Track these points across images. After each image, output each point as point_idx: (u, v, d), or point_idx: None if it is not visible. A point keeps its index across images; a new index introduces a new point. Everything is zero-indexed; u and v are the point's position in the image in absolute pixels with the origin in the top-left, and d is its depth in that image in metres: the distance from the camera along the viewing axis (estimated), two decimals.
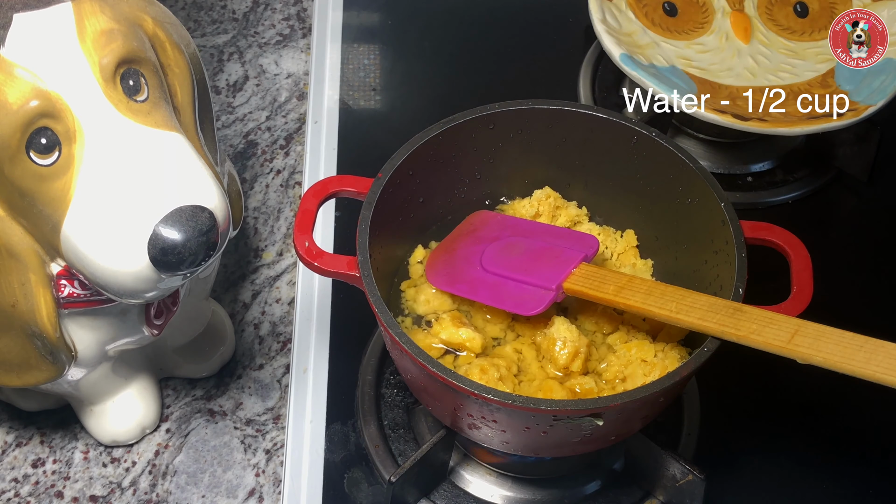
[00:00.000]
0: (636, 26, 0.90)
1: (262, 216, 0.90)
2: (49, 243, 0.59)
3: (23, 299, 0.60)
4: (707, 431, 0.73)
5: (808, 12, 0.92)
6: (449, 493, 0.70)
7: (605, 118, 0.69)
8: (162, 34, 0.62)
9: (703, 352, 0.58)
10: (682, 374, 0.58)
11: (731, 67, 0.89)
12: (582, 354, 0.65)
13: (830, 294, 0.66)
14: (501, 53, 0.99)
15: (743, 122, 0.80)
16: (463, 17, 1.03)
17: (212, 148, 0.68)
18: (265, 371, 0.81)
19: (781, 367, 0.58)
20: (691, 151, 0.68)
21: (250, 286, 0.86)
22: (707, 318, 0.58)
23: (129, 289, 0.58)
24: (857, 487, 0.72)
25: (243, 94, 1.00)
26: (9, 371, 0.65)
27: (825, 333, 0.55)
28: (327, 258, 0.63)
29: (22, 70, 0.55)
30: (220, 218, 0.58)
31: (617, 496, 0.70)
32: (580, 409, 0.56)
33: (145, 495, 0.74)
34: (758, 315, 0.57)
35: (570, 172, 0.73)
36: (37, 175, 0.56)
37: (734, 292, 0.60)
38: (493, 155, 0.71)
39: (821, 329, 0.55)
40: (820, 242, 0.68)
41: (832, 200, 0.90)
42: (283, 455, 0.74)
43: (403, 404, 0.74)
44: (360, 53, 0.99)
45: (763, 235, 0.64)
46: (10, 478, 0.75)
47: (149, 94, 0.59)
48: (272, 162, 0.94)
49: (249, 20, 1.07)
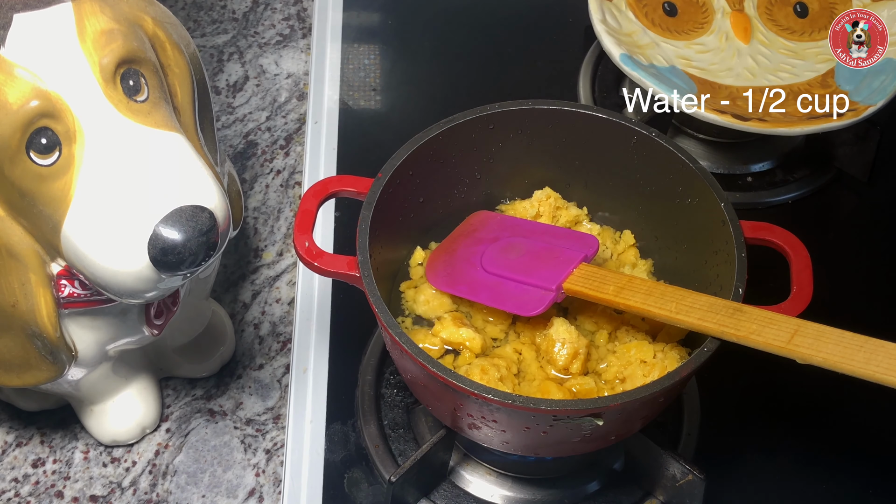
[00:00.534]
0: (636, 26, 0.90)
1: (262, 216, 0.90)
2: (49, 243, 0.59)
3: (23, 299, 0.60)
4: (707, 431, 0.73)
5: (808, 12, 0.92)
6: (449, 493, 0.70)
7: (605, 118, 0.69)
8: (162, 34, 0.62)
9: (703, 352, 0.58)
10: (682, 374, 0.58)
11: (731, 67, 0.89)
12: (581, 355, 0.64)
13: (830, 294, 0.66)
14: (501, 53, 0.99)
15: (743, 122, 0.80)
16: (463, 17, 1.03)
17: (212, 148, 0.68)
18: (265, 371, 0.81)
19: (781, 368, 0.58)
20: (691, 151, 0.68)
21: (250, 286, 0.86)
22: (707, 318, 0.58)
23: (129, 289, 0.58)
24: (857, 487, 0.72)
25: (243, 94, 1.00)
26: (9, 371, 0.65)
27: (825, 333, 0.55)
28: (327, 258, 0.63)
29: (22, 70, 0.55)
30: (220, 218, 0.58)
31: (617, 496, 0.70)
32: (580, 409, 0.56)
33: (145, 495, 0.74)
34: (757, 315, 0.57)
35: (570, 172, 0.73)
36: (37, 175, 0.56)
37: (734, 292, 0.60)
38: (493, 155, 0.71)
39: (820, 329, 0.55)
40: (820, 242, 0.68)
41: (832, 200, 0.90)
42: (283, 455, 0.74)
43: (403, 404, 0.74)
44: (360, 53, 0.99)
45: (763, 235, 0.64)
46: (10, 478, 0.75)
47: (149, 94, 0.59)
48: (272, 162, 0.94)
49: (249, 20, 1.07)
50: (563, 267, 0.64)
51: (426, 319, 0.69)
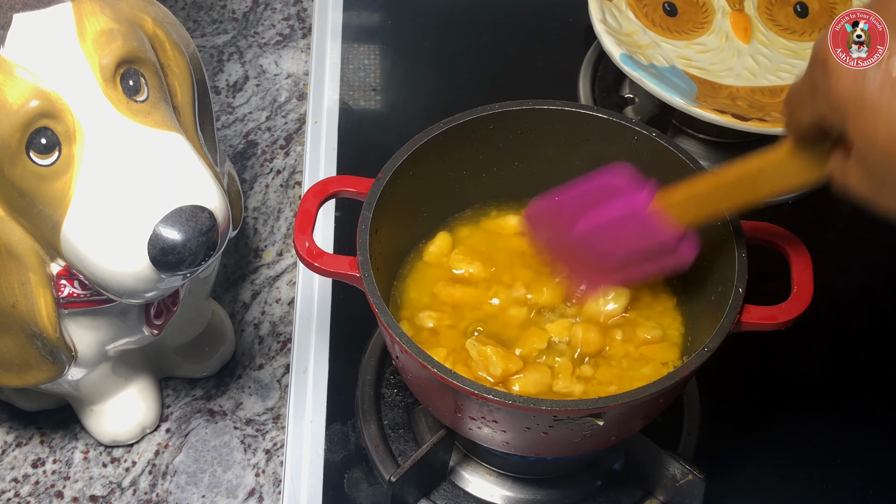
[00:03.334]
0: (636, 26, 0.90)
1: (262, 216, 0.90)
2: (49, 243, 0.59)
3: (23, 299, 0.60)
4: (707, 431, 0.73)
5: (808, 12, 0.92)
6: (449, 493, 0.70)
7: (605, 118, 0.69)
8: (162, 34, 0.62)
9: (703, 352, 0.58)
10: (682, 374, 0.58)
11: (731, 67, 0.89)
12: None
13: (830, 294, 0.66)
14: (501, 53, 0.99)
15: (743, 122, 0.80)
16: (463, 17, 1.03)
17: (212, 148, 0.68)
18: (265, 371, 0.81)
19: (782, 368, 0.58)
20: (691, 151, 0.68)
21: (250, 286, 0.86)
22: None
23: (129, 289, 0.58)
24: (856, 488, 0.72)
25: (243, 94, 1.00)
26: (9, 371, 0.65)
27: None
28: (327, 258, 0.63)
29: (22, 70, 0.55)
30: (220, 218, 0.58)
31: (617, 496, 0.70)
32: (580, 409, 0.56)
33: (145, 495, 0.74)
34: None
35: (570, 172, 0.73)
36: (37, 175, 0.56)
37: (734, 292, 0.60)
38: (493, 155, 0.71)
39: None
40: (820, 242, 0.68)
41: (832, 200, 0.89)
42: (283, 455, 0.74)
43: (403, 404, 0.74)
44: (360, 53, 0.99)
45: (763, 235, 0.64)
46: (10, 478, 0.75)
47: (149, 94, 0.59)
48: (272, 162, 0.94)
49: (249, 20, 1.07)
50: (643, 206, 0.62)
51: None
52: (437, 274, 0.70)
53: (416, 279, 0.71)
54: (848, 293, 0.82)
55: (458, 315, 0.67)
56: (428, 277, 0.70)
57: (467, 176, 0.72)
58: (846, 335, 0.79)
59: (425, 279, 0.70)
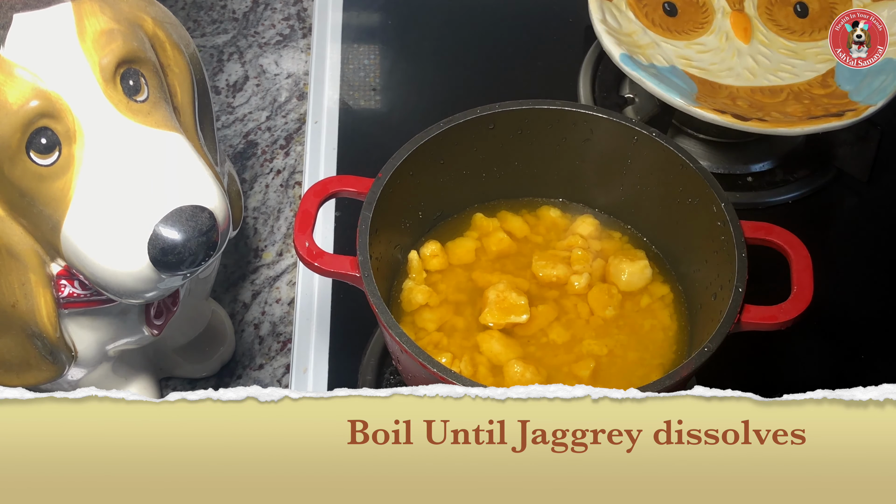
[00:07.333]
0: (636, 26, 0.90)
1: (262, 216, 0.90)
2: (49, 243, 0.59)
3: (23, 299, 0.60)
4: None
5: (808, 12, 0.92)
6: None
7: (605, 118, 0.69)
8: (162, 34, 0.62)
9: (703, 352, 0.58)
10: (682, 374, 0.58)
11: (731, 67, 0.89)
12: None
13: (830, 294, 0.66)
14: (501, 53, 0.99)
15: (743, 122, 0.80)
16: (463, 17, 1.03)
17: (212, 148, 0.68)
18: (265, 371, 0.81)
19: (782, 368, 0.58)
20: (691, 151, 0.68)
21: (250, 286, 0.86)
22: None
23: (129, 289, 0.58)
24: None
25: (243, 94, 1.00)
26: (9, 371, 0.65)
27: None
28: (327, 258, 0.63)
29: (22, 70, 0.55)
30: (220, 218, 0.58)
31: None
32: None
33: None
34: None
35: (570, 172, 0.73)
36: (37, 175, 0.56)
37: (734, 292, 0.60)
38: (493, 155, 0.71)
39: None
40: (820, 242, 0.68)
41: (832, 200, 0.90)
42: None
43: None
44: (360, 53, 0.99)
45: (763, 235, 0.64)
46: None
47: (149, 94, 0.59)
48: (272, 162, 0.94)
49: (249, 20, 1.07)
50: None
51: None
52: (437, 274, 0.70)
53: (416, 279, 0.71)
54: (848, 293, 0.82)
55: (459, 315, 0.68)
56: (427, 277, 0.70)
57: (467, 176, 0.72)
58: (846, 335, 0.79)
59: (425, 281, 0.70)
